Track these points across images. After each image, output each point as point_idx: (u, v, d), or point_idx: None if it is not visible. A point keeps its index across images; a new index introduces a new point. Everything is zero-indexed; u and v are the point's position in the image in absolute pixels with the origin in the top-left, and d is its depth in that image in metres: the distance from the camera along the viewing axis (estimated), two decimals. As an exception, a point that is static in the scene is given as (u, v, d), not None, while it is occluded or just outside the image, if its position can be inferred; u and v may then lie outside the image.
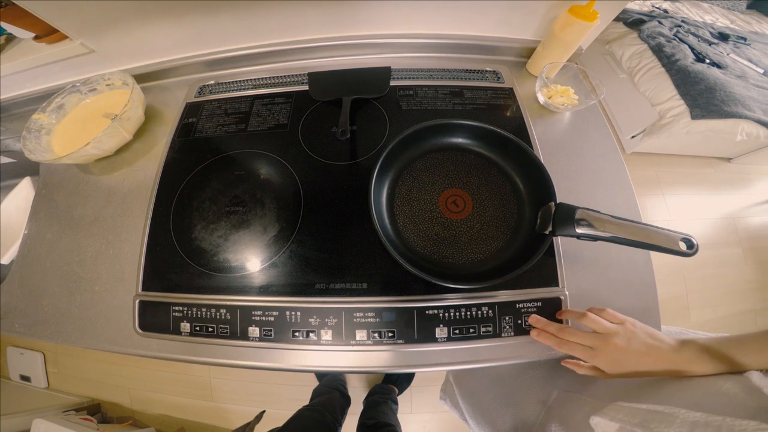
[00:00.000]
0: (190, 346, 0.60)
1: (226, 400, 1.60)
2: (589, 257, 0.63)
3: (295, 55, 0.88)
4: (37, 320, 0.65)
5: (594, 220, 0.51)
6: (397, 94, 0.81)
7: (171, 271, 0.64)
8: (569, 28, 0.72)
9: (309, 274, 0.61)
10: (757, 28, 2.40)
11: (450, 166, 0.68)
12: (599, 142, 0.76)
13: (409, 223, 0.64)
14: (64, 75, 0.87)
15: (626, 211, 0.67)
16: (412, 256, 0.60)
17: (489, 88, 0.81)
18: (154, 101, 0.86)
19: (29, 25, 0.75)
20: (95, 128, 0.74)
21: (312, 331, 0.58)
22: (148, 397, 1.64)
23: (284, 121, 0.79)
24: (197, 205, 0.69)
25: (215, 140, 0.77)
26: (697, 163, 2.17)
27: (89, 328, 0.63)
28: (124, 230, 0.69)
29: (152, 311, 0.62)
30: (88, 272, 0.67)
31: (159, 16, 0.75)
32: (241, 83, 0.86)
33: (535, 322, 0.56)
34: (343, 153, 0.73)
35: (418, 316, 0.58)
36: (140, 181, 0.74)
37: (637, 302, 0.61)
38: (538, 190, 0.61)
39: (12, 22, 0.73)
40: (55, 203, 0.75)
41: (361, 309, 0.58)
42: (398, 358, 0.57)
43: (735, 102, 1.66)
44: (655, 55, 1.88)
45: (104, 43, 0.80)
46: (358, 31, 0.85)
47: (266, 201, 0.68)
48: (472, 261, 0.61)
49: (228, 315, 0.60)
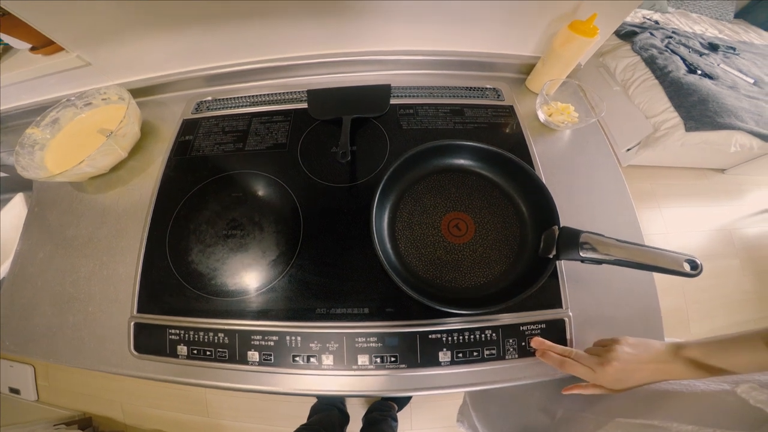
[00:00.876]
0: (188, 369, 0.59)
1: (222, 416, 1.57)
2: (592, 277, 0.62)
3: (294, 71, 0.87)
4: (28, 338, 0.63)
5: (598, 244, 0.51)
6: (398, 113, 0.80)
7: (167, 294, 0.62)
8: (569, 44, 0.72)
9: (309, 298, 0.60)
10: (745, 38, 2.43)
11: (452, 188, 0.68)
12: (600, 160, 0.76)
13: (411, 248, 0.63)
14: (60, 88, 0.86)
15: (627, 231, 0.67)
16: (415, 281, 0.60)
17: (489, 106, 0.81)
18: (150, 116, 0.85)
19: (25, 36, 0.74)
20: (90, 144, 0.73)
21: (313, 356, 0.57)
22: (141, 412, 1.60)
23: (283, 141, 0.78)
24: (194, 228, 0.67)
25: (212, 159, 0.76)
26: (691, 174, 2.19)
27: (83, 348, 0.62)
28: (118, 251, 0.68)
29: (148, 334, 0.60)
30: (82, 292, 0.65)
31: (156, 29, 0.74)
32: (239, 100, 0.85)
33: (538, 344, 0.56)
34: (343, 174, 0.73)
35: (420, 340, 0.57)
36: (136, 201, 0.73)
37: (641, 322, 0.61)
38: (541, 213, 0.61)
39: (8, 32, 0.72)
40: (48, 222, 0.74)
41: (363, 334, 0.57)
42: (401, 382, 0.57)
43: (728, 113, 1.67)
44: (648, 67, 1.89)
45: (101, 56, 0.79)
46: (357, 48, 0.85)
47: (265, 224, 0.67)
48: (475, 285, 0.60)
49: (226, 339, 0.58)
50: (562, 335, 0.58)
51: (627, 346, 0.49)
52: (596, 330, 0.59)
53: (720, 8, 2.57)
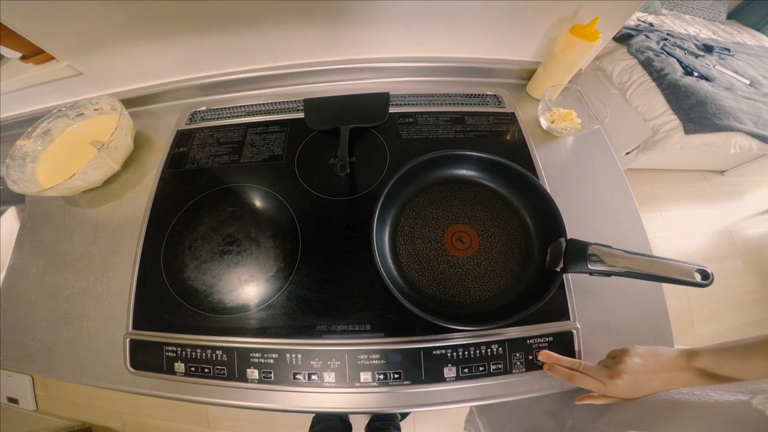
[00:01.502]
0: (186, 386, 0.58)
1: (223, 427, 1.55)
2: (600, 288, 0.61)
3: (290, 79, 0.86)
4: (23, 353, 0.62)
5: (606, 257, 0.50)
6: (397, 122, 0.79)
7: (163, 310, 0.61)
8: (571, 48, 0.71)
9: (309, 315, 0.59)
10: (739, 39, 2.44)
11: (454, 200, 0.66)
12: (603, 167, 0.75)
13: (413, 262, 0.61)
14: (51, 98, 0.84)
15: (634, 239, 0.66)
16: (418, 297, 0.58)
17: (490, 113, 0.80)
18: (143, 127, 0.83)
19: (15, 44, 0.72)
20: (83, 156, 0.71)
21: (314, 374, 0.55)
22: (141, 422, 1.58)
23: (279, 152, 0.76)
24: (189, 244, 0.66)
25: (207, 172, 0.74)
26: (691, 177, 2.19)
27: (78, 364, 0.61)
28: (112, 267, 0.67)
29: (144, 350, 0.59)
30: (76, 308, 0.64)
31: (149, 37, 0.73)
32: (233, 110, 0.84)
33: (546, 357, 0.54)
34: (342, 187, 0.71)
35: (425, 356, 0.56)
36: (129, 216, 0.71)
37: (649, 329, 0.60)
38: (546, 224, 0.60)
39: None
40: (41, 237, 0.72)
41: (365, 351, 0.56)
42: (405, 398, 0.55)
43: (726, 115, 1.67)
44: (645, 69, 1.89)
45: (92, 65, 0.77)
46: (354, 55, 0.84)
47: (262, 240, 0.66)
48: (480, 299, 0.58)
49: (225, 356, 0.57)
50: (570, 347, 0.57)
51: (637, 357, 0.48)
52: (605, 340, 0.58)
53: (712, 9, 2.58)
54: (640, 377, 0.46)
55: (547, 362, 0.54)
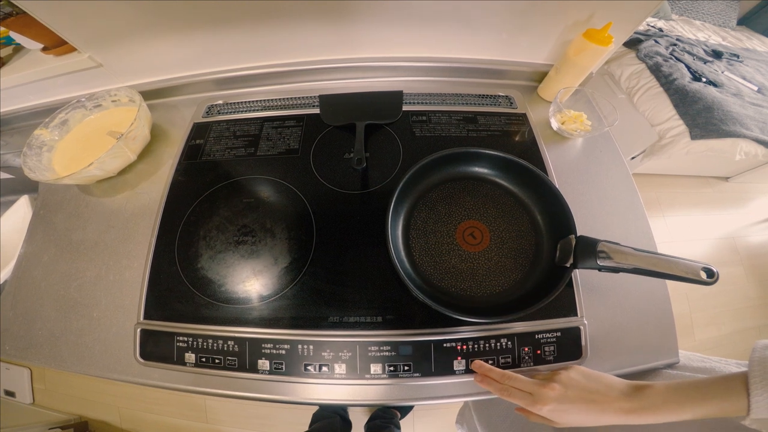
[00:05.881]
0: (195, 377, 0.58)
1: (222, 422, 1.55)
2: (607, 285, 0.62)
3: (305, 76, 0.87)
4: (30, 343, 0.62)
5: (615, 253, 0.51)
6: (410, 120, 0.80)
7: (175, 300, 0.61)
8: (584, 52, 0.72)
9: (322, 306, 0.59)
10: (748, 45, 2.43)
11: (466, 196, 0.67)
12: (612, 168, 0.75)
13: (425, 256, 0.62)
14: (70, 89, 0.85)
15: (640, 239, 0.67)
16: (430, 290, 0.59)
17: (502, 113, 0.81)
18: (160, 120, 0.84)
19: (38, 36, 0.74)
20: (99, 147, 0.72)
21: (325, 365, 0.56)
22: (138, 417, 1.58)
23: (295, 146, 0.77)
24: (204, 234, 0.66)
25: (223, 164, 0.75)
26: (695, 183, 2.20)
27: (86, 354, 0.60)
28: (125, 256, 0.67)
29: (155, 340, 0.59)
30: (86, 297, 0.64)
31: (169, 31, 0.74)
32: (250, 104, 0.85)
33: (478, 367, 0.53)
34: (356, 181, 0.72)
35: (435, 349, 0.56)
36: (144, 205, 0.72)
37: (654, 328, 0.60)
38: (557, 222, 0.60)
39: (20, 31, 0.72)
40: (54, 225, 0.73)
41: (377, 342, 0.56)
42: (415, 391, 0.56)
43: (733, 121, 1.67)
44: (653, 74, 1.89)
45: (112, 58, 0.79)
46: (368, 53, 0.85)
47: (277, 231, 0.66)
48: (491, 293, 0.59)
49: (236, 347, 0.57)
50: (577, 343, 0.58)
51: (575, 373, 0.47)
52: (611, 337, 0.59)
53: (723, 15, 2.57)
54: (571, 393, 0.45)
55: (479, 372, 0.53)
